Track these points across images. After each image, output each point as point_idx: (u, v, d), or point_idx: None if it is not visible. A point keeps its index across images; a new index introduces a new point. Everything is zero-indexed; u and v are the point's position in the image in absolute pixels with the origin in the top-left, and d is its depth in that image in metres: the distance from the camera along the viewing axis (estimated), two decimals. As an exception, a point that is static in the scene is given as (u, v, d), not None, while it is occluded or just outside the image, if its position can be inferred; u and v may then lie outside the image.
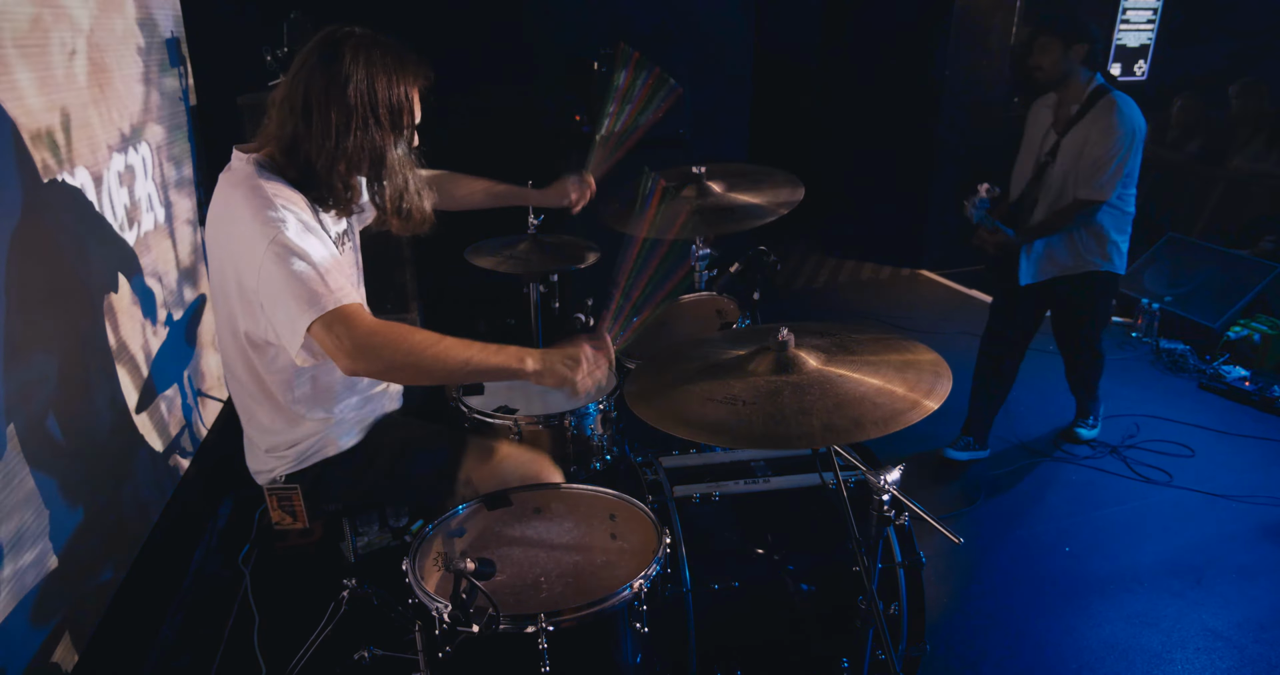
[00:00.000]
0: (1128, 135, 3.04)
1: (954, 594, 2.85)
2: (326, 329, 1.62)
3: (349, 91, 1.66)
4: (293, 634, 2.34)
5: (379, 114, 1.69)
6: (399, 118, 1.73)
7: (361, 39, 1.70)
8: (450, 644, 1.54)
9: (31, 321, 2.02)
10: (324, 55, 1.67)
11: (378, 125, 1.70)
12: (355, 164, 1.73)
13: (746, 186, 2.74)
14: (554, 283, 3.00)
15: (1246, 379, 4.35)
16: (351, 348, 1.62)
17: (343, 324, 1.63)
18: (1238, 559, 3.04)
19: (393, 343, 1.65)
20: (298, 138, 1.70)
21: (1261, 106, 5.52)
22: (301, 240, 1.65)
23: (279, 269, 1.63)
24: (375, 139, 1.71)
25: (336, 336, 1.62)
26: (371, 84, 1.67)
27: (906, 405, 1.44)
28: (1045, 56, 3.10)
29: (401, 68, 1.71)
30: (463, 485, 2.02)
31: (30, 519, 1.96)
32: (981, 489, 3.47)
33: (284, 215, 1.66)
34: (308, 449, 1.96)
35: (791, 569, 1.98)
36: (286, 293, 1.63)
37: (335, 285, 1.65)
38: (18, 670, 1.89)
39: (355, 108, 1.67)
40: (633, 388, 1.63)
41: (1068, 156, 3.17)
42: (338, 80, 1.66)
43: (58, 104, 2.25)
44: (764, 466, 2.22)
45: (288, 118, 1.70)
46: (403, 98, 1.72)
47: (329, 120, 1.67)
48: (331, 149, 1.69)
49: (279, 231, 1.64)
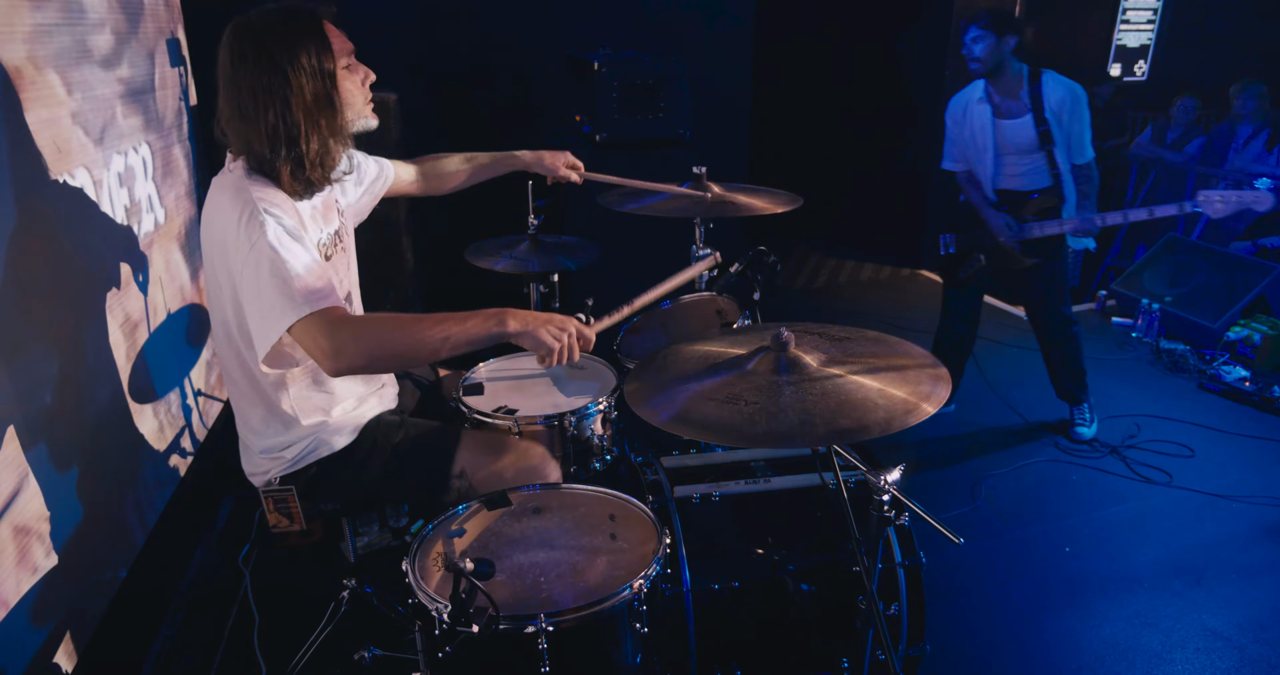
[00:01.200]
0: (1086, 98, 3.39)
1: (954, 594, 2.85)
2: (305, 333, 1.66)
3: (255, 73, 1.67)
4: (293, 634, 2.34)
5: (285, 72, 1.68)
6: (309, 63, 1.71)
7: (246, 18, 1.71)
8: (450, 644, 1.55)
9: (32, 322, 2.02)
10: (228, 51, 1.70)
11: (289, 84, 1.69)
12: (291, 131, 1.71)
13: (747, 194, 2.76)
14: (554, 283, 3.00)
15: (1246, 379, 4.35)
16: (330, 348, 1.65)
17: (319, 327, 1.65)
18: (1238, 559, 3.04)
19: (369, 336, 1.67)
20: (247, 137, 1.72)
21: (1261, 106, 5.52)
22: (282, 246, 1.67)
23: (259, 273, 1.65)
24: (295, 99, 1.70)
25: (314, 339, 1.65)
26: (265, 47, 1.67)
27: (907, 407, 1.44)
28: (979, 47, 3.33)
29: (291, 18, 1.71)
30: (458, 478, 2.02)
31: (30, 519, 1.96)
32: (981, 489, 3.48)
33: (266, 219, 1.67)
34: (302, 450, 1.96)
35: (791, 569, 1.98)
36: (265, 297, 1.65)
37: (313, 290, 1.66)
38: (18, 670, 1.89)
39: (262, 78, 1.68)
40: (633, 388, 1.63)
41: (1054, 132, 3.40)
42: (239, 61, 1.68)
43: (58, 104, 2.25)
44: (764, 466, 2.22)
45: (230, 121, 1.73)
46: (304, 42, 1.70)
47: (250, 102, 1.69)
48: (265, 133, 1.70)
49: (261, 236, 1.66)
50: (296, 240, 1.71)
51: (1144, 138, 6.14)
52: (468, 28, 4.38)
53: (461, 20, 4.36)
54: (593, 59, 3.88)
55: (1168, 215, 3.42)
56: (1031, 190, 3.52)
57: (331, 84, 1.75)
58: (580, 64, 4.03)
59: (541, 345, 1.75)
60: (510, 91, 4.53)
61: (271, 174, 1.76)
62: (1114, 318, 5.33)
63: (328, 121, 1.76)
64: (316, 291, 1.67)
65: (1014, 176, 3.55)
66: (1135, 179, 6.18)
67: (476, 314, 1.73)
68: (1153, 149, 6.02)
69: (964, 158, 3.68)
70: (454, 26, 4.36)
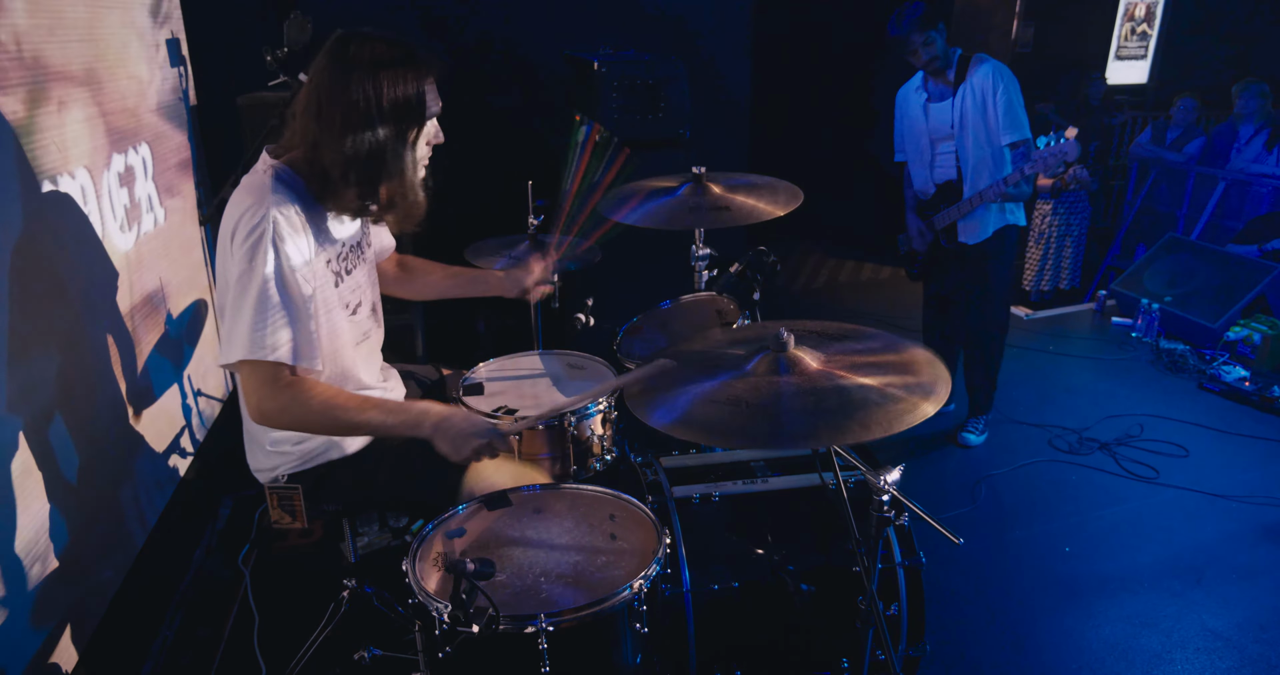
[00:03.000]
0: (1013, 78, 3.36)
1: (954, 594, 2.85)
2: (248, 375, 1.71)
3: (354, 90, 1.66)
4: (293, 634, 2.34)
5: (384, 110, 1.68)
6: (407, 111, 1.72)
7: (367, 37, 1.70)
8: (450, 644, 1.55)
9: (32, 322, 2.02)
10: (330, 57, 1.69)
11: (383, 121, 1.69)
12: (367, 166, 1.72)
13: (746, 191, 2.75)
14: (554, 283, 2.99)
15: (1246, 379, 4.35)
16: (256, 404, 1.72)
17: (261, 379, 1.70)
18: (1238, 559, 3.04)
19: (296, 412, 1.73)
20: (318, 143, 1.71)
21: (1263, 106, 5.52)
22: (274, 284, 1.67)
23: (243, 297, 1.67)
24: (382, 136, 1.70)
25: (253, 386, 1.72)
26: (376, 80, 1.67)
27: (907, 407, 1.44)
28: (931, 50, 3.35)
29: (408, 62, 1.71)
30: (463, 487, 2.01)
31: (31, 519, 1.96)
32: (981, 489, 3.48)
33: (271, 252, 1.67)
34: (314, 449, 1.96)
35: (791, 569, 1.98)
36: (236, 322, 1.67)
37: (277, 342, 1.67)
38: (18, 670, 1.89)
39: (360, 105, 1.67)
40: (633, 388, 1.63)
41: (968, 115, 3.39)
42: (343, 80, 1.67)
43: (58, 105, 2.25)
44: (764, 466, 2.22)
45: (308, 123, 1.72)
46: (410, 92, 1.71)
47: (337, 120, 1.67)
48: (345, 150, 1.69)
49: (262, 264, 1.66)
50: (288, 286, 1.70)
51: (1144, 138, 6.14)
52: (468, 28, 4.39)
53: (461, 20, 4.36)
54: (593, 59, 3.88)
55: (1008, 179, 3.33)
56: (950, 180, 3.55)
57: (408, 142, 1.75)
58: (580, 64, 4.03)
59: (453, 454, 1.78)
60: (510, 91, 4.53)
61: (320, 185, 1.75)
62: (1114, 318, 5.33)
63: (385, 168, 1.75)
64: (283, 344, 1.68)
65: (945, 168, 3.56)
66: (1135, 179, 6.18)
67: (408, 409, 1.81)
68: (1153, 149, 6.02)
69: (904, 148, 3.70)
70: (454, 26, 4.36)
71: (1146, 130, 6.17)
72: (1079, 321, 5.46)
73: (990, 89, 3.35)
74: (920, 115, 3.55)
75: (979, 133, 3.41)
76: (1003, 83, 3.33)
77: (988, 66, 3.37)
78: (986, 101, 3.36)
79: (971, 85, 3.38)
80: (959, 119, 3.43)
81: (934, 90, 3.52)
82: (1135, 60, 6.87)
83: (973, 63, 3.40)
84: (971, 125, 3.41)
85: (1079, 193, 5.56)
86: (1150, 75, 6.92)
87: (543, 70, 4.53)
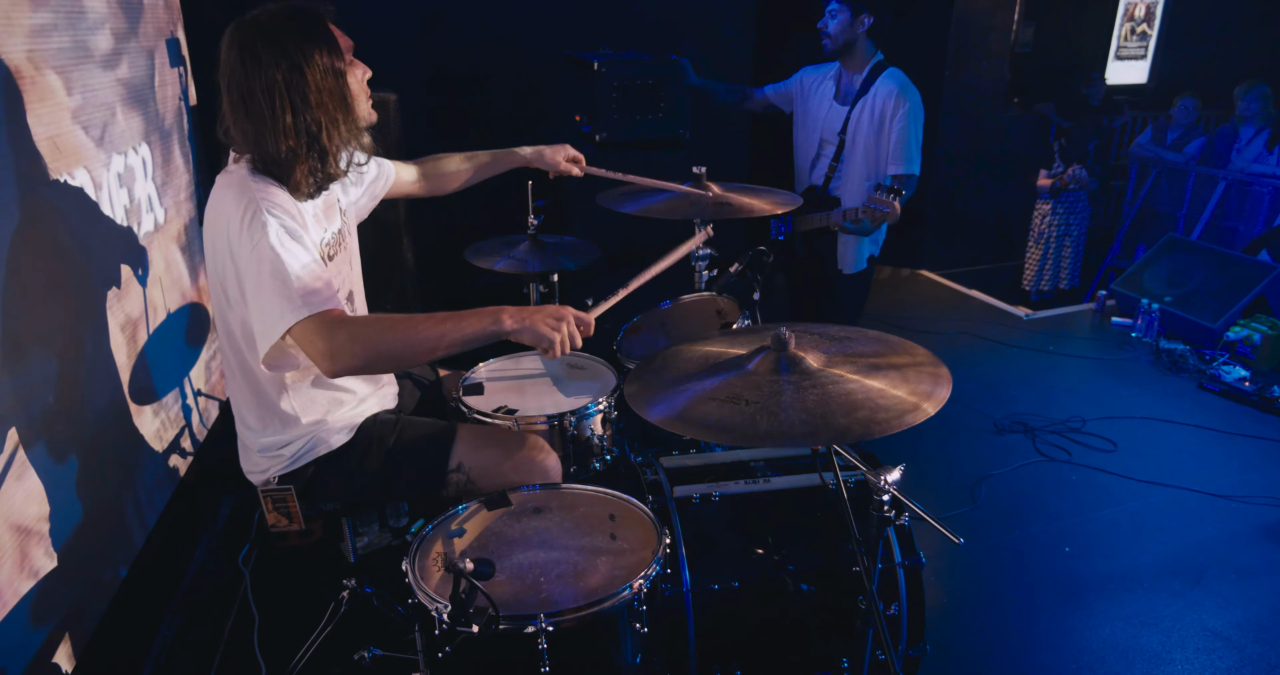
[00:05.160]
0: (920, 107, 3.14)
1: (954, 594, 2.85)
2: (303, 335, 1.67)
3: (268, 65, 1.67)
4: (293, 634, 2.34)
5: (307, 64, 1.69)
6: (325, 51, 1.72)
7: (253, 17, 1.71)
8: (450, 644, 1.55)
9: (32, 322, 2.02)
10: (233, 50, 1.70)
11: (310, 73, 1.70)
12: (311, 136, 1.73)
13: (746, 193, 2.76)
14: (554, 283, 3.00)
15: (1246, 379, 4.35)
16: (327, 350, 1.66)
17: (317, 329, 1.66)
18: (1238, 559, 3.04)
19: (364, 338, 1.68)
20: (258, 137, 1.72)
21: (1265, 107, 5.52)
22: (284, 247, 1.68)
23: (260, 274, 1.66)
24: (314, 88, 1.71)
25: (312, 341, 1.67)
26: (283, 45, 1.68)
27: (908, 407, 1.44)
28: (834, 22, 3.14)
29: (300, 15, 1.72)
30: (456, 473, 2.01)
31: (30, 519, 1.96)
32: (981, 489, 3.48)
33: (268, 220, 1.68)
34: (300, 449, 1.96)
35: (791, 569, 1.98)
36: (265, 298, 1.67)
37: (312, 292, 1.67)
38: (18, 670, 1.89)
39: (285, 73, 1.68)
40: (633, 388, 1.63)
41: (861, 129, 3.19)
42: (253, 62, 1.68)
43: (58, 104, 2.25)
44: (764, 466, 2.22)
45: (243, 125, 1.73)
46: (318, 36, 1.72)
47: (269, 106, 1.69)
48: (281, 132, 1.70)
49: (263, 237, 1.67)
50: (297, 241, 1.71)
51: (1144, 138, 6.14)
52: (468, 27, 4.39)
53: (461, 20, 4.36)
54: (593, 59, 3.88)
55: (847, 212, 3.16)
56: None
57: (343, 80, 1.76)
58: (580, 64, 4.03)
59: (542, 338, 1.74)
60: (510, 91, 4.53)
61: (279, 173, 1.76)
62: (1114, 318, 5.33)
63: (344, 116, 1.78)
64: (316, 293, 1.68)
65: (821, 172, 3.37)
66: (1135, 179, 6.19)
67: (473, 313, 1.73)
68: (1153, 149, 6.03)
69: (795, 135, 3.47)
70: (454, 26, 4.36)
71: (1147, 130, 6.18)
72: (1079, 321, 5.46)
73: (890, 111, 3.10)
74: (821, 109, 3.31)
75: (868, 151, 3.19)
76: (905, 107, 3.08)
77: (894, 85, 3.11)
78: (884, 122, 3.13)
79: (874, 99, 3.14)
80: (851, 129, 3.20)
81: (844, 88, 3.26)
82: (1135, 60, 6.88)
83: (883, 75, 3.15)
84: (862, 141, 3.18)
85: (1078, 192, 5.57)
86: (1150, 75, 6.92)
87: (543, 70, 4.53)
